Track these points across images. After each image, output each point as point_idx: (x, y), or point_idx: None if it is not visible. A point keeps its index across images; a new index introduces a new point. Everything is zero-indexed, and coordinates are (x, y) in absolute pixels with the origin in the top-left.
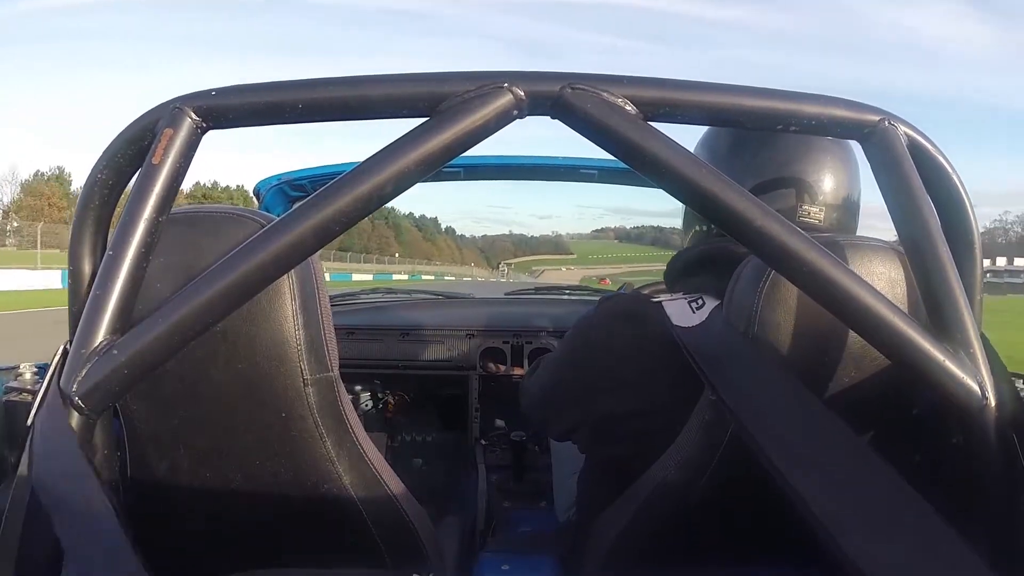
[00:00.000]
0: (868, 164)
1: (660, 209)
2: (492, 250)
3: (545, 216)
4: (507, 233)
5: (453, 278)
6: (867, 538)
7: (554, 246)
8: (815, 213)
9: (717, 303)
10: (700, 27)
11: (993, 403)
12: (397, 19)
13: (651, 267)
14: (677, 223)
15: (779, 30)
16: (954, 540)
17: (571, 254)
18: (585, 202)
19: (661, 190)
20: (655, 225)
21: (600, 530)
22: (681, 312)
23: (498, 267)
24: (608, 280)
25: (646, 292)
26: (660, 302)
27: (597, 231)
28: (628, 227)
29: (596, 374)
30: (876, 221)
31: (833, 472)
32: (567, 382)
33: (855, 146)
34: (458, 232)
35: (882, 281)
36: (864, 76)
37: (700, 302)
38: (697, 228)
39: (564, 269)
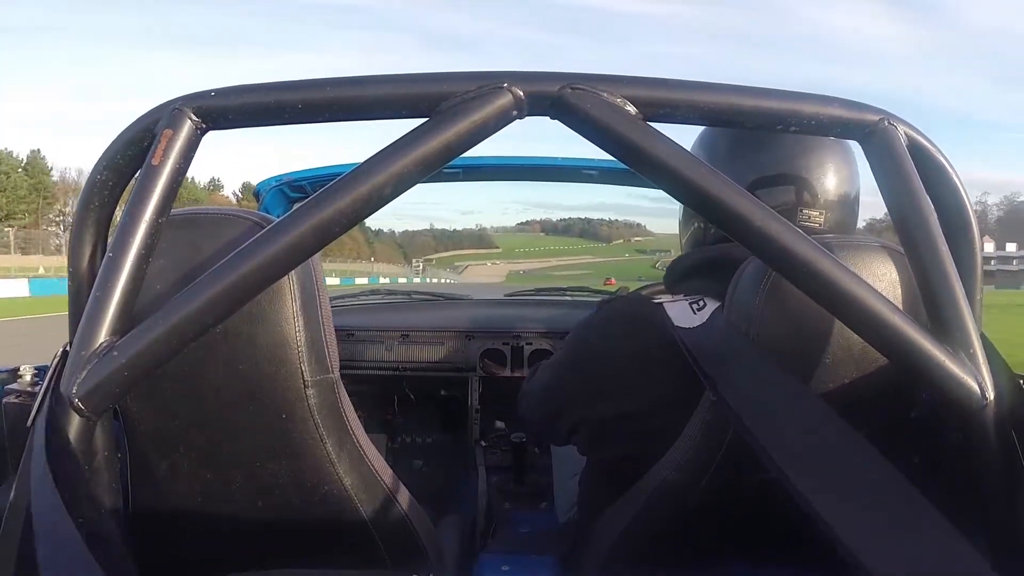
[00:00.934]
0: (867, 164)
1: (585, 203)
2: (412, 246)
3: (467, 211)
4: (428, 228)
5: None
6: (869, 535)
7: (478, 240)
8: (815, 217)
9: (718, 305)
10: (620, 21)
11: (993, 403)
12: (315, 10)
13: (580, 259)
14: (605, 215)
15: (698, 24)
16: (956, 537)
17: (496, 248)
18: (509, 196)
19: (582, 185)
20: (583, 217)
21: (600, 531)
22: (683, 314)
23: (411, 264)
24: (614, 280)
25: (646, 293)
26: (662, 303)
27: (522, 224)
28: (554, 219)
29: (596, 377)
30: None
31: (835, 469)
32: (567, 385)
33: (854, 145)
34: (375, 228)
35: (882, 281)
36: (780, 70)
37: (701, 304)
38: (696, 225)
39: (489, 264)
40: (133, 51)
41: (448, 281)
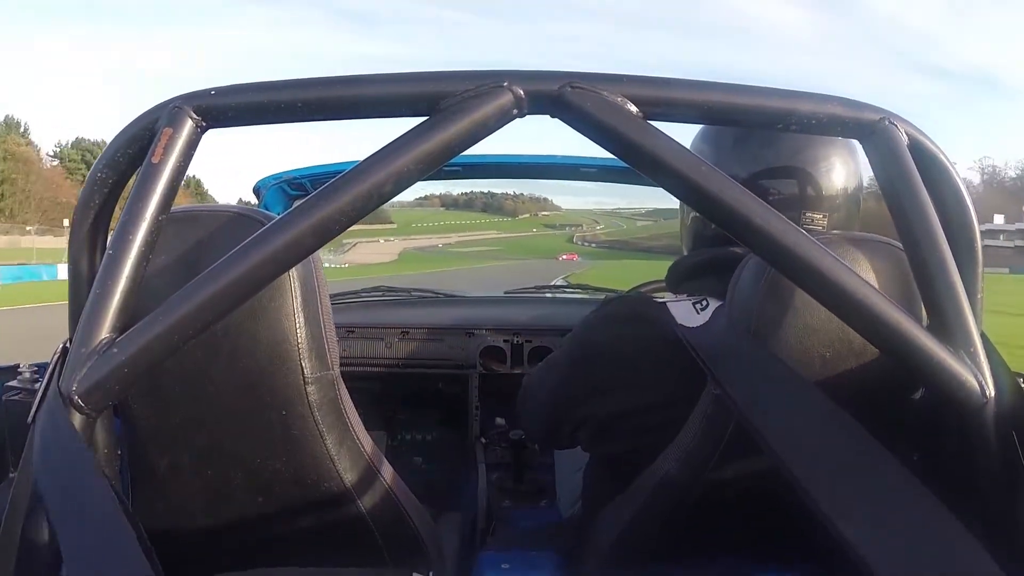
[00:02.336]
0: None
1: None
2: None
3: None
4: None
5: None
6: (872, 528)
7: (371, 216)
8: (819, 220)
9: (720, 304)
10: (529, 2)
11: (993, 401)
12: None
13: (484, 235)
14: (509, 189)
15: (596, 5)
16: (958, 531)
17: (391, 224)
18: None
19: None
20: (486, 191)
21: (602, 526)
22: (686, 313)
23: None
24: (576, 256)
25: (646, 291)
26: (665, 303)
27: (421, 199)
28: (455, 193)
29: (598, 374)
30: None
31: (837, 462)
32: (569, 383)
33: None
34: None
35: (883, 278)
36: (683, 56)
37: (704, 303)
38: (696, 224)
39: (382, 241)
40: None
41: (329, 266)
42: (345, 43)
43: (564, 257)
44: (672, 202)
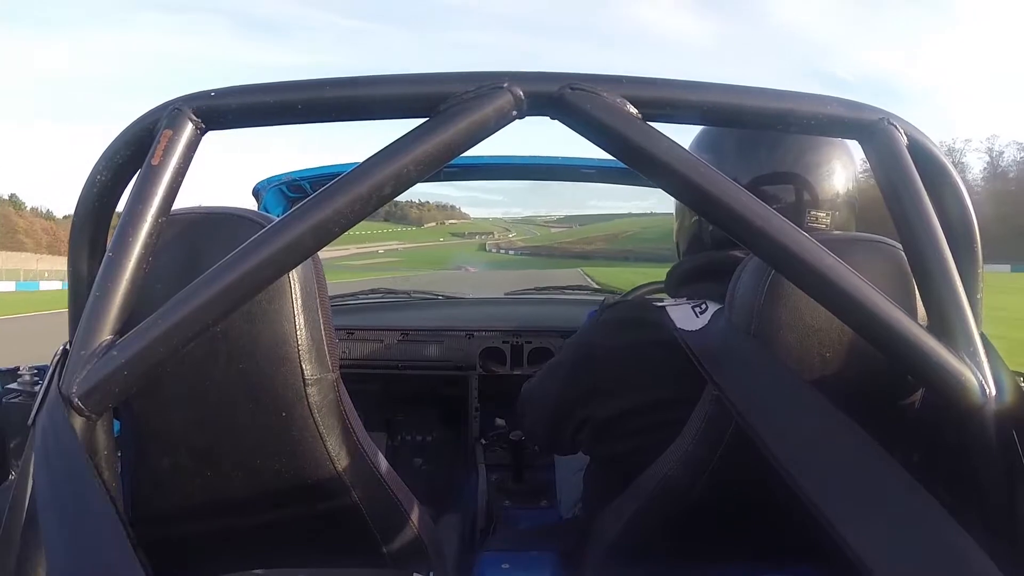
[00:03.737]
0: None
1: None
2: None
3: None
4: None
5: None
6: (871, 530)
7: None
8: (823, 219)
9: (719, 307)
10: (436, 10)
11: (993, 401)
12: None
13: (386, 246)
14: (414, 197)
15: (502, 8)
16: (959, 533)
17: None
18: None
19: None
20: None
21: (602, 526)
22: (686, 316)
23: None
24: (473, 267)
25: (645, 292)
26: (664, 307)
27: None
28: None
29: (599, 377)
30: None
31: (837, 465)
32: (570, 386)
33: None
34: None
35: (883, 278)
36: (594, 61)
37: (703, 306)
38: (693, 225)
39: None
40: None
41: None
42: (250, 51)
43: (462, 268)
44: (583, 209)
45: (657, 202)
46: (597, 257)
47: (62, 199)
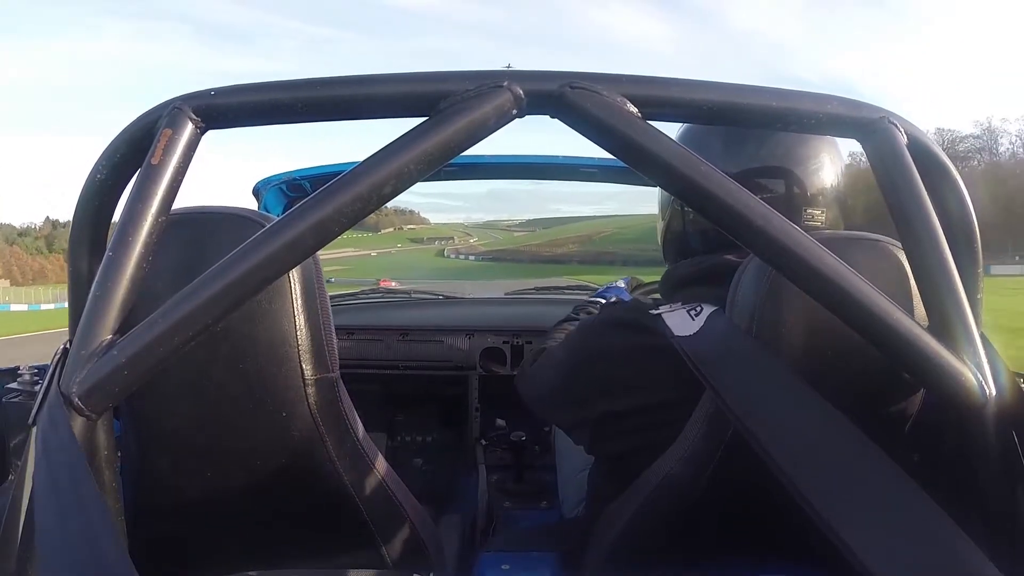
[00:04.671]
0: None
1: None
2: None
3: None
4: None
5: None
6: (870, 532)
7: None
8: (818, 216)
9: (714, 309)
10: (398, 17)
11: (993, 401)
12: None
13: (340, 253)
14: None
15: (475, 20)
16: (958, 536)
17: None
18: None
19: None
20: None
21: (604, 524)
22: (681, 321)
23: None
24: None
25: (641, 291)
26: (660, 314)
27: None
28: None
29: (596, 378)
30: None
31: (835, 467)
32: (568, 385)
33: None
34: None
35: (883, 278)
36: (561, 67)
37: (698, 309)
38: (680, 229)
39: None
40: None
41: None
42: (213, 58)
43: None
44: (545, 213)
45: (619, 206)
46: (571, 261)
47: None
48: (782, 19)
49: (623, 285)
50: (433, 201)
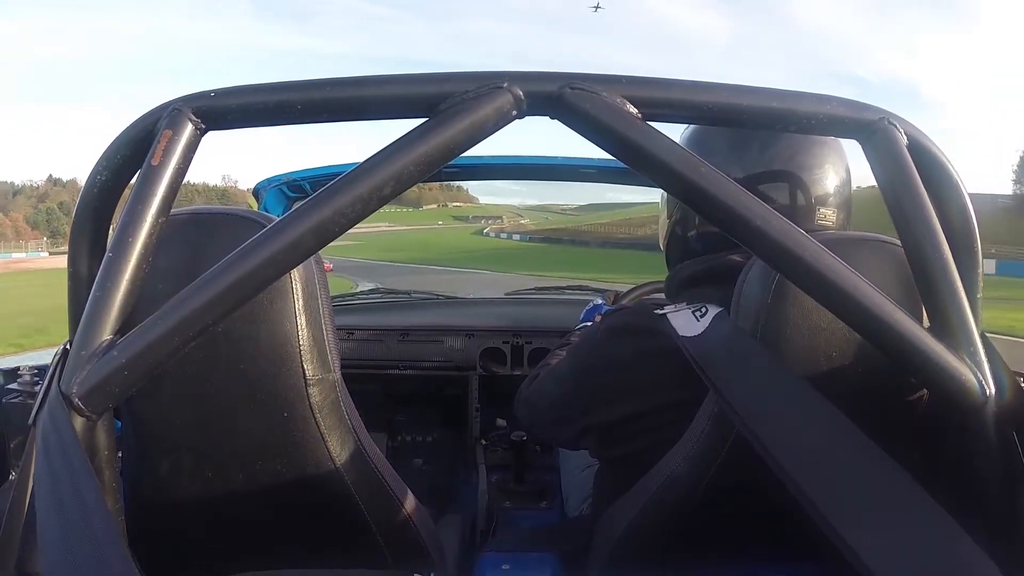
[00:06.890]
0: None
1: None
2: None
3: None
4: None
5: None
6: (873, 534)
7: None
8: (830, 216)
9: (719, 310)
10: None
11: (993, 401)
12: None
13: (377, 228)
14: None
15: (542, 9)
16: (961, 537)
17: None
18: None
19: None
20: None
21: (606, 524)
22: (686, 321)
23: None
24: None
25: (645, 292)
26: (665, 314)
27: None
28: None
29: (602, 386)
30: None
31: (837, 468)
32: (573, 394)
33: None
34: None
35: (883, 278)
36: (625, 58)
37: (703, 310)
38: (682, 229)
39: None
40: None
41: None
42: (272, 36)
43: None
44: (603, 199)
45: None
46: (623, 246)
47: None
48: (845, 16)
49: (601, 302)
50: (488, 184)
